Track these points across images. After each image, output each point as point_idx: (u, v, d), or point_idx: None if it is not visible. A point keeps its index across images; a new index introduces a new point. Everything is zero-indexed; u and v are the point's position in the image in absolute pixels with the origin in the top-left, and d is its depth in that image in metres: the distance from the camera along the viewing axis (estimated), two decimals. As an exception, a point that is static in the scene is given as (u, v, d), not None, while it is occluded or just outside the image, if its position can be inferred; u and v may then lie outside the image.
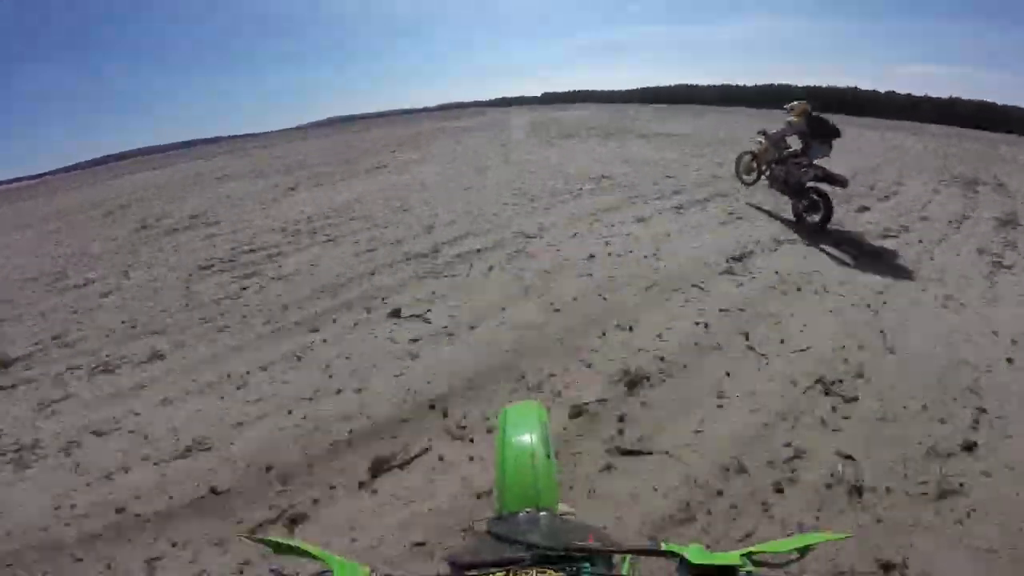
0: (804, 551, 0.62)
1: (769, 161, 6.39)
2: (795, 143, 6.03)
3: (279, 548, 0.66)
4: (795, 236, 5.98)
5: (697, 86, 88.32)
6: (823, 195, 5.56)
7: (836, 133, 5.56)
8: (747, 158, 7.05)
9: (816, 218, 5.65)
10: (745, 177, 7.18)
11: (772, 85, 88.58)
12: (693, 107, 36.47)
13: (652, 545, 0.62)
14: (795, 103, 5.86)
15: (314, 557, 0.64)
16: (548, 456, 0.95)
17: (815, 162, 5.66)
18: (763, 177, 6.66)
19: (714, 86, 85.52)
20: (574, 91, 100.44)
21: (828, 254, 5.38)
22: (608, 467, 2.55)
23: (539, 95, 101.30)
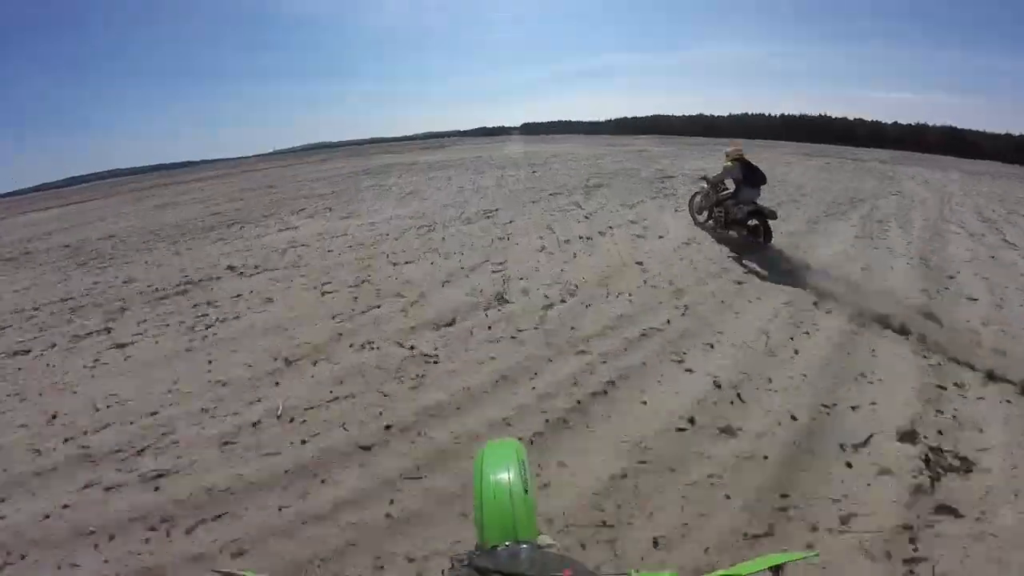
0: (776, 571, 0.60)
1: (711, 204, 6.61)
2: (731, 185, 6.25)
3: None
4: None
5: (672, 116, 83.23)
6: (762, 221, 5.82)
7: (763, 180, 6.06)
8: (698, 199, 7.12)
9: (759, 239, 5.87)
10: (697, 216, 7.15)
11: (747, 115, 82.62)
12: (693, 139, 31.16)
13: (626, 573, 0.61)
14: (731, 148, 6.27)
15: None
16: (526, 491, 0.89)
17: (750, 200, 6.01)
18: (710, 218, 6.70)
19: (689, 116, 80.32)
20: (555, 121, 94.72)
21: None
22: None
23: (519, 125, 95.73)
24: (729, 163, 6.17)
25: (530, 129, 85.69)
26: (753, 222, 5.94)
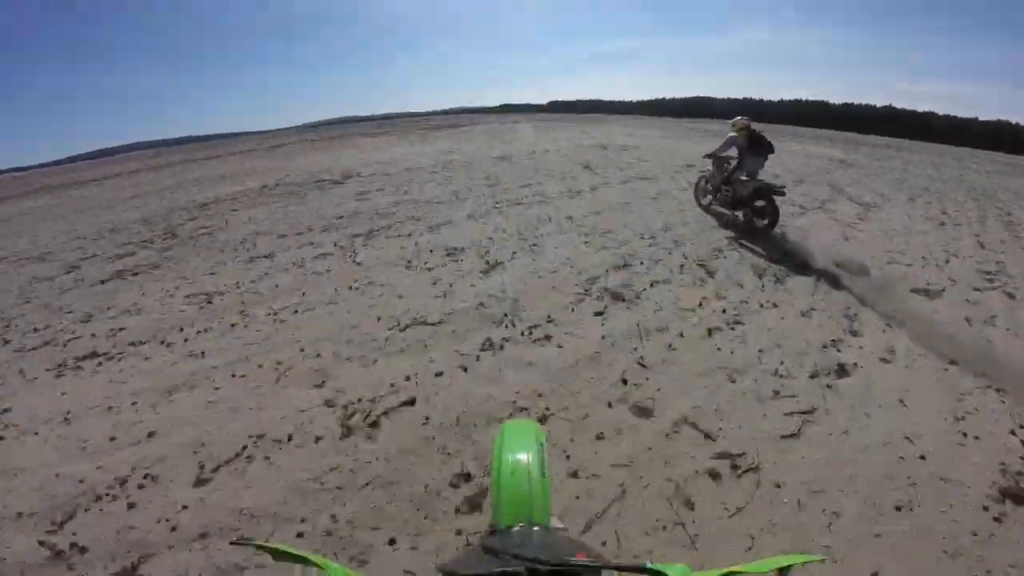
0: (785, 571, 0.56)
1: (718, 184, 5.69)
2: (734, 157, 5.45)
3: (277, 554, 0.57)
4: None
5: (714, 99, 68.68)
6: (769, 201, 5.04)
7: (770, 149, 5.29)
8: (702, 183, 6.20)
9: (764, 222, 5.10)
10: (703, 200, 6.20)
11: (801, 101, 66.66)
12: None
13: (639, 563, 0.57)
14: (737, 119, 5.34)
15: (311, 563, 0.56)
16: (543, 475, 0.80)
17: (755, 176, 5.31)
18: (715, 200, 5.83)
19: (734, 99, 65.66)
20: (583, 100, 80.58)
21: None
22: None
23: (545, 103, 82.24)
24: (733, 132, 5.31)
25: (558, 108, 72.62)
26: (759, 202, 5.10)
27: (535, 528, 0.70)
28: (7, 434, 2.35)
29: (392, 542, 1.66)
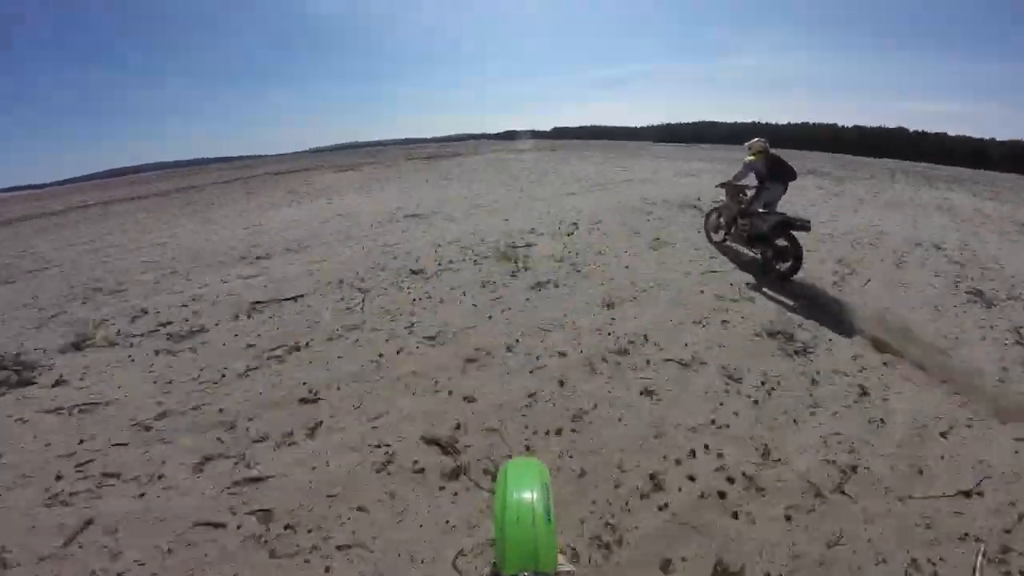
0: None
1: (732, 216, 5.09)
2: (752, 185, 4.91)
3: None
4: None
5: (720, 123, 65.27)
6: (791, 240, 4.32)
7: (792, 175, 4.72)
8: (714, 216, 5.63)
9: (785, 266, 4.36)
10: (714, 235, 5.67)
11: (808, 124, 62.30)
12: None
13: None
14: (755, 140, 4.82)
15: None
16: (549, 520, 0.73)
17: (775, 209, 4.75)
18: (729, 235, 5.28)
19: (742, 123, 62.04)
20: (587, 126, 77.36)
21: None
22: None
23: (549, 130, 79.03)
24: (751, 156, 4.75)
25: (562, 134, 69.19)
26: (781, 242, 4.35)
27: None
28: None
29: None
